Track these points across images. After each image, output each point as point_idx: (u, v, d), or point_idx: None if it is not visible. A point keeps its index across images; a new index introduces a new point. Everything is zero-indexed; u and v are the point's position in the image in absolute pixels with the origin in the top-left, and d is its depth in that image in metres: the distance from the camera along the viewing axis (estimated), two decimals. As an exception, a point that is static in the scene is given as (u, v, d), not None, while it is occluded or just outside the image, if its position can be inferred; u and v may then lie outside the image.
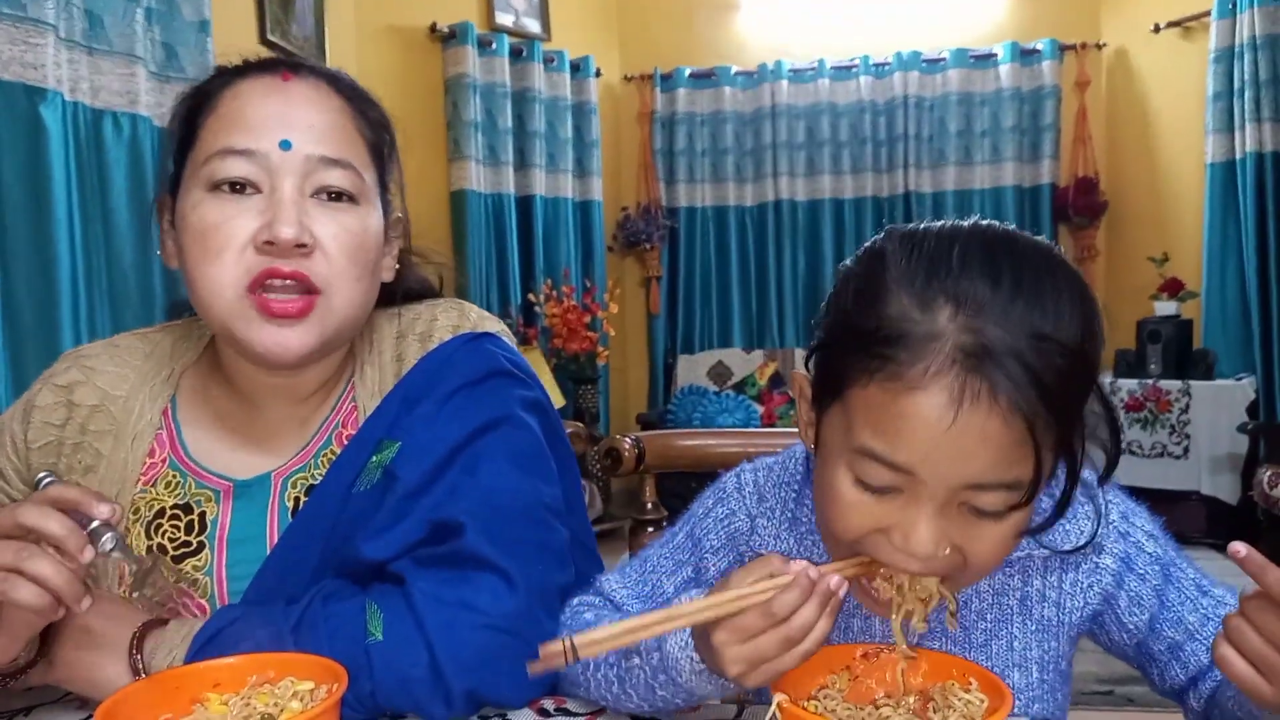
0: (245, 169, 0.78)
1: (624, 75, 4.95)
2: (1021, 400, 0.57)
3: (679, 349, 4.92)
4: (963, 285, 0.59)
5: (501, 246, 4.18)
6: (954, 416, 0.57)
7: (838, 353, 0.64)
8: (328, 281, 0.80)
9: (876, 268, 0.63)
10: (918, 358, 0.58)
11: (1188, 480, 3.80)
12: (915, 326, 0.59)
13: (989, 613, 0.77)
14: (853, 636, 0.78)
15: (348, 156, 0.82)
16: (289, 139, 0.79)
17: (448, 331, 0.90)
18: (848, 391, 0.62)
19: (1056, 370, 0.58)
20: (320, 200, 0.81)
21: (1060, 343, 0.58)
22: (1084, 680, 2.56)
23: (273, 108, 0.80)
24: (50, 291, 1.93)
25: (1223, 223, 4.02)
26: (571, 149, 4.54)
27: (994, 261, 0.60)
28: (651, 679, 0.69)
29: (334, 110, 0.83)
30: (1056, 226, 4.56)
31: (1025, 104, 4.53)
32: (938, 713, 0.63)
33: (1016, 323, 0.58)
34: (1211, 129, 4.03)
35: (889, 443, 0.60)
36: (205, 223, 0.78)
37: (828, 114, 4.71)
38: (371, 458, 0.84)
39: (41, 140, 1.90)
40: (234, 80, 0.82)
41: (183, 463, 0.89)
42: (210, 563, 0.85)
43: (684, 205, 4.91)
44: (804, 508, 0.79)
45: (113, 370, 0.91)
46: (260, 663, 0.68)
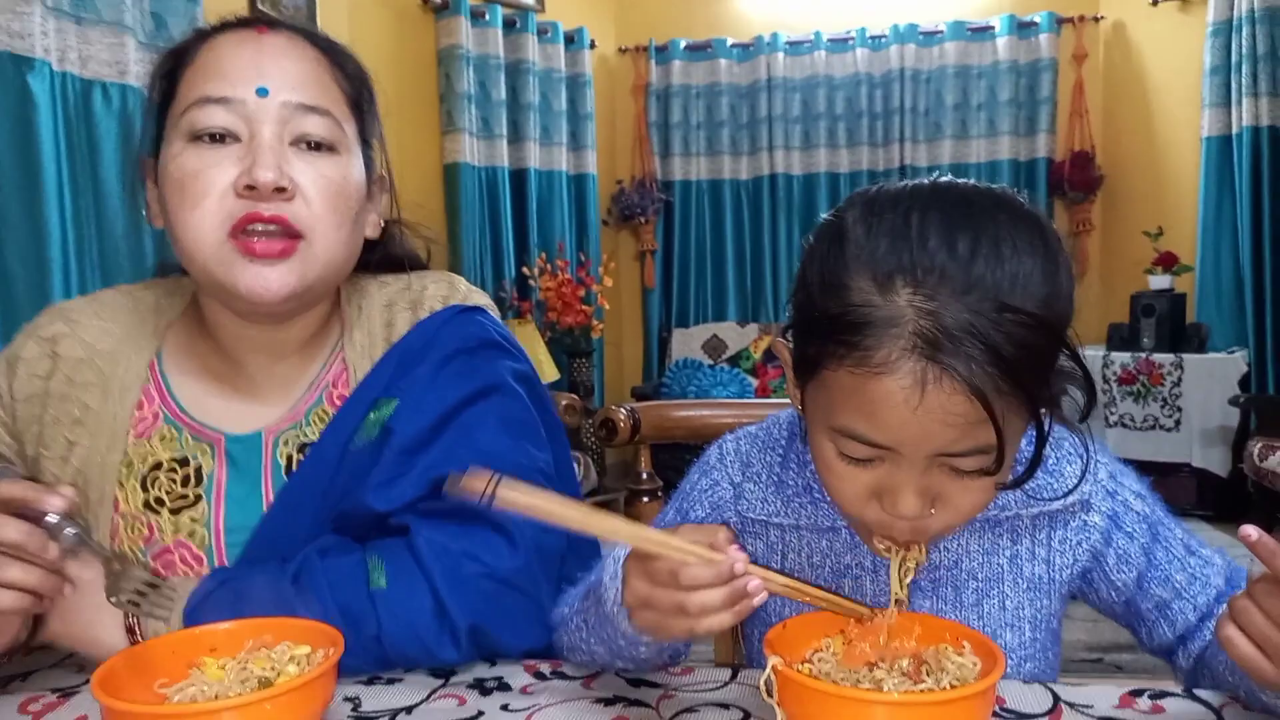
0: (223, 118, 0.79)
1: (619, 47, 4.91)
2: (983, 379, 0.58)
3: (673, 322, 4.93)
4: (920, 262, 0.59)
5: (495, 220, 4.16)
6: (920, 398, 0.59)
7: (808, 335, 0.65)
8: (309, 226, 0.81)
9: (836, 244, 0.64)
10: (880, 343, 0.59)
11: (1179, 453, 3.83)
12: (875, 312, 0.59)
13: (980, 572, 0.77)
14: (845, 596, 0.79)
15: (324, 104, 0.83)
16: (265, 85, 0.80)
17: (438, 302, 0.92)
18: (822, 372, 0.64)
19: (1019, 341, 0.58)
20: (300, 149, 0.81)
21: (1022, 311, 0.58)
22: (1073, 648, 2.59)
23: (248, 57, 0.81)
24: (41, 261, 1.92)
25: (1218, 197, 4.02)
26: (566, 122, 4.51)
27: (951, 234, 0.60)
28: (597, 617, 0.71)
29: (310, 60, 0.84)
30: (1052, 200, 4.56)
31: (1022, 77, 4.51)
32: (930, 675, 0.64)
33: (976, 297, 0.58)
34: (1208, 103, 4.02)
35: (864, 423, 0.62)
36: (185, 171, 0.79)
37: (824, 87, 4.68)
38: (369, 414, 0.86)
39: (30, 110, 1.89)
40: (211, 35, 0.83)
41: (177, 416, 0.89)
42: (208, 515, 0.86)
43: (679, 179, 4.90)
44: (789, 470, 0.80)
45: (97, 324, 0.92)
46: (256, 627, 0.69)
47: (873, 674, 0.65)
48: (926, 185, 0.65)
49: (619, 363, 5.05)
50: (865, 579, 0.78)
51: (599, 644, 0.73)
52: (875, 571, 0.77)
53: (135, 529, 0.86)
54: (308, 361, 0.92)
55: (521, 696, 0.73)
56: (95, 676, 0.59)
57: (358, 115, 0.87)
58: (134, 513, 0.87)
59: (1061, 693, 0.70)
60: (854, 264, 0.61)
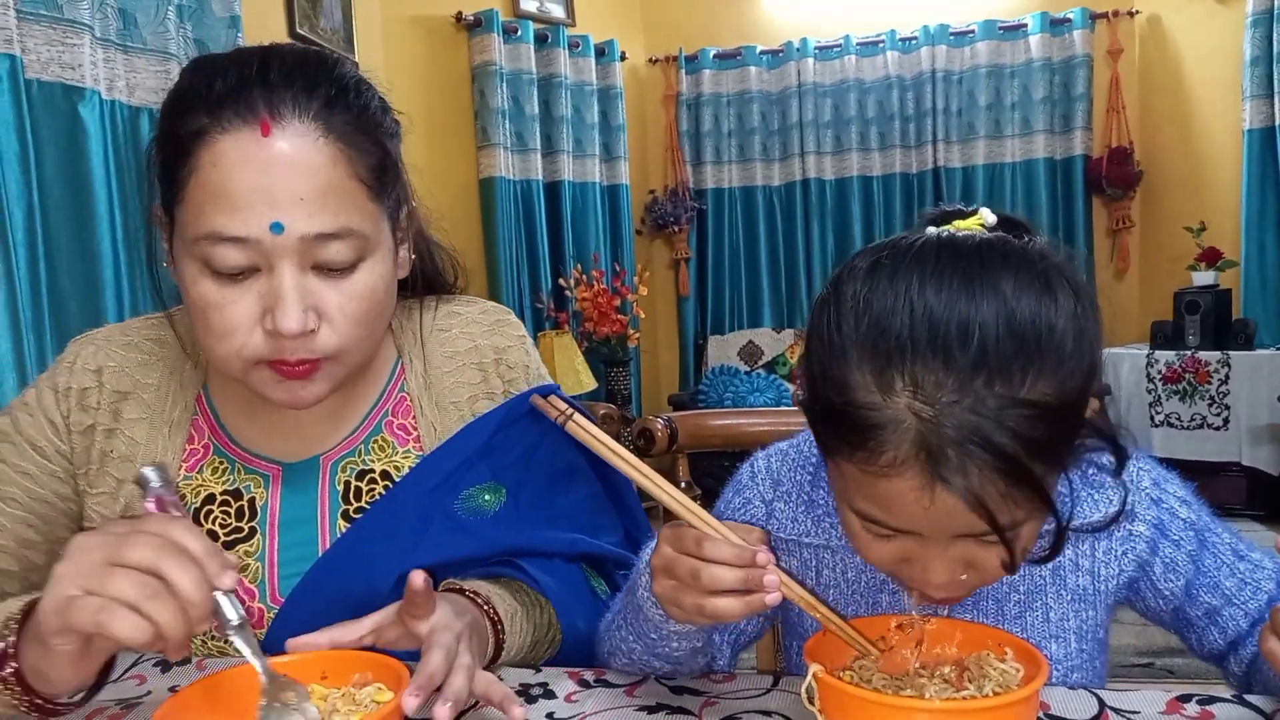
0: (238, 257, 0.74)
1: (649, 58, 4.93)
2: (988, 485, 0.56)
3: (709, 330, 4.93)
4: (919, 357, 0.57)
5: (531, 232, 4.20)
6: (930, 499, 0.58)
7: (817, 421, 0.65)
8: (337, 350, 0.79)
9: (835, 328, 0.61)
10: (884, 446, 0.57)
11: (1227, 451, 3.75)
12: (878, 415, 0.58)
13: (1021, 585, 0.77)
14: (883, 610, 0.79)
15: (345, 224, 0.76)
16: (279, 220, 0.73)
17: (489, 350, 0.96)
18: (834, 457, 0.64)
19: (1027, 437, 0.56)
20: (323, 272, 0.77)
21: (1029, 404, 0.56)
22: (1123, 653, 2.55)
23: (255, 177, 0.73)
24: (94, 286, 1.98)
25: (1261, 190, 3.93)
26: (598, 133, 4.54)
27: (950, 318, 0.57)
28: (631, 608, 0.73)
29: (324, 166, 0.75)
30: (1090, 198, 4.50)
31: (1056, 75, 4.46)
32: (973, 682, 0.64)
33: (978, 394, 0.56)
34: (1250, 95, 3.94)
35: (881, 511, 0.62)
36: (206, 302, 0.76)
37: (855, 91, 4.67)
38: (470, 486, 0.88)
39: (81, 138, 1.94)
40: (209, 130, 0.74)
41: (228, 448, 0.90)
42: (262, 548, 0.87)
43: (711, 186, 4.90)
44: (819, 490, 0.80)
45: (138, 357, 0.91)
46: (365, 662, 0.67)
47: (915, 681, 0.66)
48: (931, 248, 0.61)
49: (655, 371, 5.06)
50: (902, 593, 0.77)
51: (635, 639, 0.75)
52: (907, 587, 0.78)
53: None
54: (363, 390, 0.92)
55: (566, 704, 0.74)
56: (156, 716, 0.58)
57: (380, 190, 0.80)
58: None
59: (1107, 698, 0.70)
60: (853, 354, 0.59)
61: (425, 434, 0.92)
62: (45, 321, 1.89)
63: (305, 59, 0.78)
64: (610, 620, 0.80)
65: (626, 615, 0.76)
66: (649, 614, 0.71)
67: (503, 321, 0.98)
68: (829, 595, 0.81)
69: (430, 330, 0.95)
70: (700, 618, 0.64)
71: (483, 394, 0.95)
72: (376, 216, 0.80)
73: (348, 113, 0.77)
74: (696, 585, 0.62)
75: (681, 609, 0.65)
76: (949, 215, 0.68)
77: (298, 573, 0.85)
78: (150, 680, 0.83)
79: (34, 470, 0.88)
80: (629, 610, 0.75)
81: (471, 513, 0.87)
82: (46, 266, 1.89)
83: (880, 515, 0.62)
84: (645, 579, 0.70)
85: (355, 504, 0.89)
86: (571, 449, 0.94)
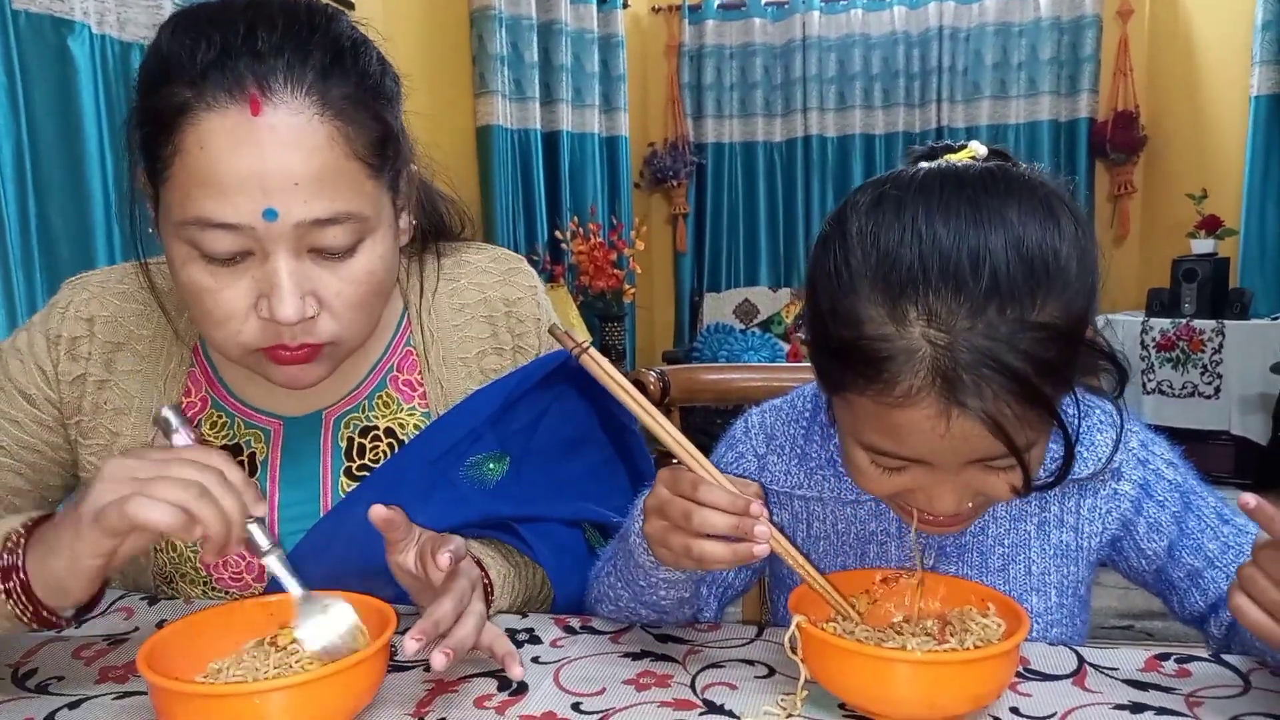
0: (230, 243, 0.70)
1: (652, 7, 4.85)
2: (1002, 410, 0.58)
3: (705, 286, 4.92)
4: (930, 285, 0.58)
5: (528, 183, 4.16)
6: (946, 426, 0.59)
7: (826, 359, 0.65)
8: (336, 334, 0.76)
9: (844, 263, 0.62)
10: (899, 377, 0.59)
11: (1217, 420, 3.78)
12: (892, 345, 0.59)
13: (1006, 538, 0.78)
14: (870, 562, 0.80)
15: (343, 208, 0.72)
16: (273, 207, 0.69)
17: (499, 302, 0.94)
18: (845, 394, 0.64)
19: (1038, 358, 0.58)
20: (321, 257, 0.74)
21: (1039, 326, 0.58)
22: (1103, 615, 2.59)
23: (246, 161, 0.68)
24: (84, 223, 1.96)
25: (1265, 158, 3.92)
26: (598, 83, 4.48)
27: (959, 245, 0.58)
28: (623, 555, 0.74)
29: (320, 146, 0.70)
30: (1093, 162, 4.46)
31: (1064, 35, 4.40)
32: (955, 636, 0.65)
33: (990, 318, 0.57)
34: (1259, 60, 3.90)
35: (893, 443, 0.63)
36: (198, 287, 0.73)
37: (860, 46, 4.60)
38: (478, 454, 0.86)
39: (70, 73, 1.91)
40: (195, 110, 0.68)
41: (227, 402, 0.88)
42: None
43: (711, 141, 4.85)
44: (812, 443, 0.81)
45: (133, 307, 0.89)
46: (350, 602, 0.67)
47: (898, 634, 0.66)
48: (934, 179, 0.62)
49: (650, 327, 5.05)
50: (890, 545, 0.79)
51: (624, 586, 0.75)
52: (900, 538, 0.79)
53: None
54: (367, 345, 0.89)
55: (551, 649, 0.75)
56: (142, 652, 0.59)
57: (380, 166, 0.75)
58: None
59: (1086, 654, 0.71)
60: (863, 289, 0.60)
61: (431, 390, 0.90)
62: (35, 259, 1.87)
63: (295, 18, 0.72)
64: (600, 567, 0.81)
65: (616, 561, 0.76)
66: (639, 559, 0.71)
67: (514, 270, 0.96)
68: (818, 547, 0.82)
69: (438, 281, 0.93)
70: (687, 560, 0.64)
71: (491, 348, 0.93)
72: (376, 194, 0.76)
73: (345, 83, 0.72)
74: (687, 526, 0.63)
75: (670, 550, 0.65)
76: (938, 150, 0.69)
77: (297, 530, 0.84)
78: (138, 614, 0.84)
79: (22, 418, 0.87)
80: (619, 556, 0.76)
81: (475, 481, 0.86)
82: (36, 204, 1.87)
83: (893, 447, 0.63)
84: (638, 523, 0.70)
85: (358, 461, 0.88)
86: (581, 416, 0.93)
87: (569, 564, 0.87)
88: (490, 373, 0.92)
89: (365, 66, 0.74)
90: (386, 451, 0.88)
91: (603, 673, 0.71)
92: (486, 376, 0.92)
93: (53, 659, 0.75)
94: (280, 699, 0.57)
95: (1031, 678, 0.68)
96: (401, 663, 0.73)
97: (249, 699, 0.57)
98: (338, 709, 0.60)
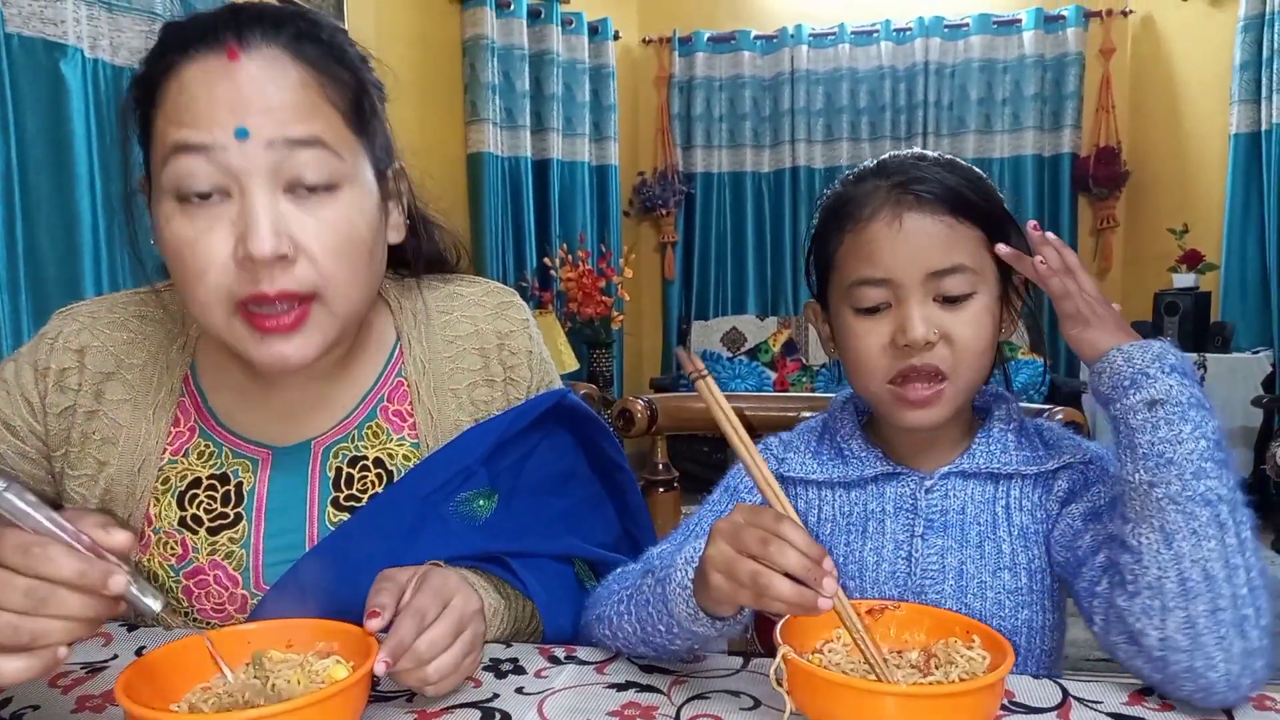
0: (206, 171, 0.71)
1: (642, 38, 4.90)
2: (942, 197, 0.79)
3: (693, 315, 4.93)
4: (887, 163, 0.84)
5: (518, 210, 4.18)
6: (899, 224, 0.79)
7: (821, 238, 0.86)
8: (319, 287, 0.75)
9: (827, 190, 0.88)
10: (865, 202, 0.82)
11: (1201, 453, 3.79)
12: (859, 188, 0.83)
13: (982, 516, 0.84)
14: (869, 539, 0.86)
15: (316, 132, 0.73)
16: (244, 125, 0.70)
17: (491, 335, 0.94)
18: (834, 256, 0.84)
19: (964, 183, 0.81)
20: (297, 196, 0.74)
21: (963, 168, 0.83)
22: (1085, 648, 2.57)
23: (221, 92, 0.71)
24: (72, 246, 1.95)
25: (1245, 194, 3.97)
26: (589, 113, 4.51)
27: (904, 155, 0.85)
28: (650, 595, 0.74)
29: (293, 85, 0.73)
30: (1076, 196, 4.52)
31: (1048, 71, 4.47)
32: (940, 669, 0.65)
33: (929, 167, 0.82)
34: (1237, 99, 3.97)
35: (867, 265, 0.81)
36: (180, 240, 0.73)
37: (847, 80, 4.66)
38: (465, 488, 0.86)
39: (63, 96, 1.92)
40: (178, 64, 0.73)
41: (215, 431, 0.87)
42: (248, 535, 0.85)
43: (700, 171, 4.89)
44: (824, 442, 0.91)
45: (124, 335, 0.89)
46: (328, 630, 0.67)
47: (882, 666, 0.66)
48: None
49: (639, 354, 5.06)
50: (887, 521, 0.86)
51: (632, 623, 0.75)
52: (896, 515, 0.86)
53: (168, 547, 0.85)
54: (358, 373, 0.89)
55: (536, 680, 0.75)
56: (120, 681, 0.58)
57: (359, 125, 0.78)
58: (168, 530, 0.85)
59: (1071, 688, 0.71)
60: (840, 188, 0.86)
61: (422, 421, 0.89)
62: (21, 283, 1.87)
63: (280, 7, 0.77)
64: (607, 596, 0.81)
65: (635, 602, 0.76)
66: (675, 609, 0.71)
67: (506, 304, 0.96)
68: (825, 529, 0.89)
69: (431, 312, 0.93)
70: (746, 591, 0.64)
71: (482, 380, 0.92)
72: (354, 147, 0.77)
73: (318, 45, 0.76)
74: (761, 553, 0.63)
75: (732, 578, 0.65)
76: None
77: (283, 560, 0.83)
78: (117, 641, 0.83)
79: (4, 449, 0.87)
80: (640, 597, 0.75)
81: (464, 517, 0.85)
82: (24, 227, 1.87)
83: (865, 270, 0.80)
84: (680, 573, 0.71)
85: (346, 491, 0.87)
86: (569, 452, 0.94)
87: (559, 598, 0.87)
88: (481, 404, 0.92)
89: (341, 43, 0.79)
90: (375, 482, 0.87)
91: (587, 704, 0.70)
92: (477, 408, 0.92)
93: (28, 687, 0.74)
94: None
95: (1016, 710, 0.68)
96: (384, 693, 0.72)
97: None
98: None
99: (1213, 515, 0.65)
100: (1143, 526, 0.67)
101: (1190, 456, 0.66)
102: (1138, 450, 0.68)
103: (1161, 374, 0.68)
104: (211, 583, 0.84)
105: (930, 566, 0.83)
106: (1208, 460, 0.66)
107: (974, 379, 0.82)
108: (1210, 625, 0.65)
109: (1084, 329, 0.73)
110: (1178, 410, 0.67)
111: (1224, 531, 0.65)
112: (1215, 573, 0.65)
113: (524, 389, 0.94)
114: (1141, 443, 0.68)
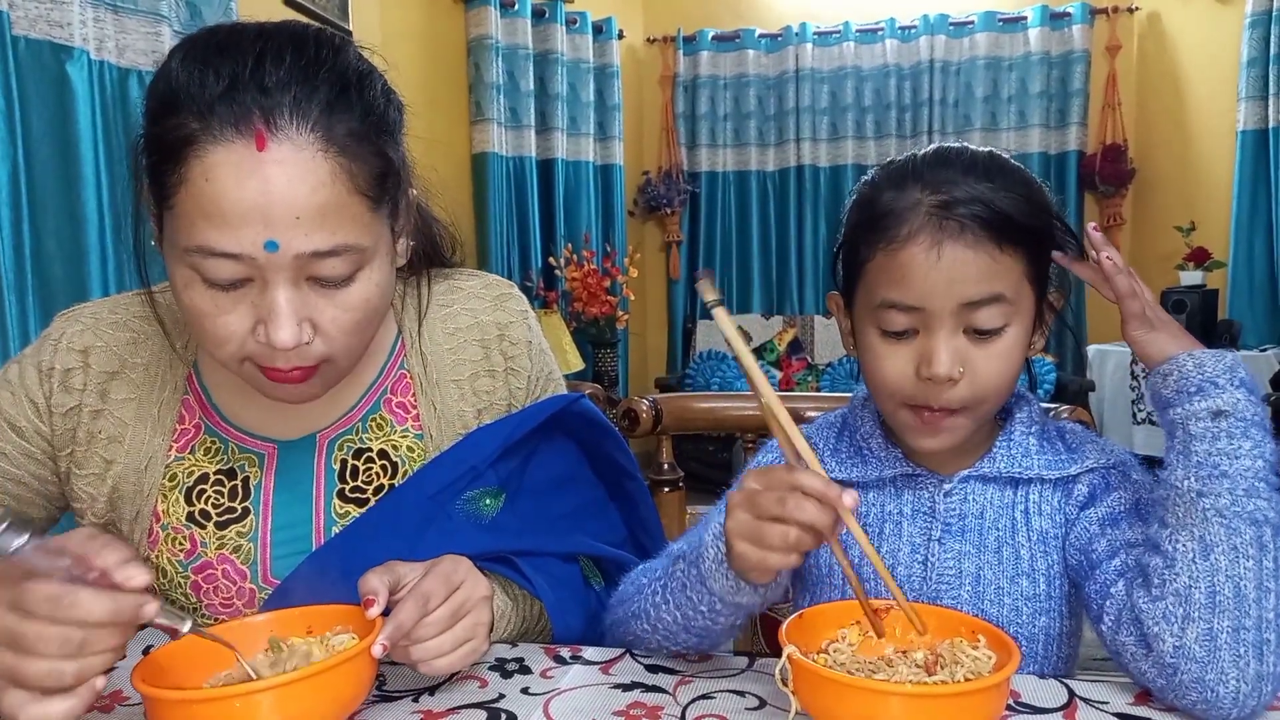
0: (231, 270, 0.71)
1: (647, 37, 4.90)
2: (988, 222, 0.73)
3: (698, 314, 4.93)
4: (927, 170, 0.77)
5: (522, 209, 4.18)
6: (938, 254, 0.74)
7: (852, 241, 0.81)
8: (329, 356, 0.77)
9: (865, 182, 0.82)
10: (903, 222, 0.75)
11: (1208, 452, 3.77)
12: (897, 203, 0.76)
13: (999, 522, 0.82)
14: (885, 540, 0.85)
15: (343, 241, 0.73)
16: (274, 239, 0.70)
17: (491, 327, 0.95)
18: (864, 267, 0.79)
19: (1013, 200, 0.74)
20: (320, 283, 0.74)
21: (1012, 178, 0.76)
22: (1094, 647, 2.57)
23: (250, 194, 0.69)
24: (79, 247, 1.96)
25: (1252, 191, 3.96)
26: (593, 112, 4.51)
27: (948, 156, 0.78)
28: (685, 578, 0.75)
29: (323, 182, 0.71)
30: (1082, 194, 4.51)
31: (1054, 69, 4.45)
32: (945, 669, 0.65)
33: (972, 183, 0.75)
34: (1245, 96, 3.96)
35: (897, 289, 0.76)
36: (199, 309, 0.74)
37: (852, 78, 4.66)
38: (473, 487, 0.87)
39: (68, 98, 1.92)
40: (202, 141, 0.69)
41: (220, 427, 0.88)
42: (255, 528, 0.86)
43: (705, 170, 4.89)
44: (843, 441, 0.89)
45: (127, 335, 0.89)
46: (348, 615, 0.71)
47: (888, 666, 0.66)
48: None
49: (644, 354, 5.06)
50: (904, 523, 0.85)
51: (671, 610, 0.76)
52: (913, 518, 0.85)
53: (176, 542, 0.86)
54: (361, 367, 0.90)
55: (541, 680, 0.75)
56: (136, 670, 0.62)
57: (381, 197, 0.76)
58: (175, 525, 0.86)
59: (1077, 688, 0.71)
60: (880, 185, 0.79)
61: (425, 412, 0.91)
62: (28, 284, 1.87)
63: (304, 50, 0.72)
64: (635, 592, 0.81)
65: (670, 589, 0.76)
66: (713, 585, 0.72)
67: (506, 296, 0.97)
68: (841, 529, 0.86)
69: (432, 306, 0.94)
70: (776, 551, 0.66)
71: (484, 371, 0.94)
72: (376, 225, 0.76)
73: (349, 117, 0.72)
74: (781, 513, 0.65)
75: (759, 544, 0.67)
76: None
77: (291, 553, 0.85)
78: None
79: (10, 450, 0.87)
80: (674, 582, 0.76)
81: (471, 515, 0.86)
82: (30, 229, 1.87)
83: (896, 294, 0.76)
84: (711, 550, 0.72)
85: (351, 483, 0.88)
86: (571, 454, 0.95)
87: (567, 598, 0.87)
88: (483, 394, 0.93)
89: (370, 99, 0.75)
90: (379, 474, 0.89)
91: (593, 703, 0.70)
92: (479, 398, 0.93)
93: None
94: (268, 699, 0.59)
95: (1022, 710, 0.68)
96: (390, 692, 0.73)
97: (229, 702, 0.59)
98: (324, 712, 0.63)
99: (1256, 535, 0.65)
100: (1181, 534, 0.67)
101: (1245, 473, 0.66)
102: (1192, 458, 0.68)
103: (1231, 386, 0.68)
104: (220, 577, 0.85)
105: (947, 571, 0.82)
106: (1261, 480, 0.66)
107: (994, 408, 0.81)
108: (1230, 642, 0.64)
109: (1148, 330, 0.72)
110: (1240, 425, 0.67)
111: (1264, 554, 0.65)
112: (1247, 592, 0.64)
113: (525, 379, 0.95)
114: (1198, 450, 0.67)
